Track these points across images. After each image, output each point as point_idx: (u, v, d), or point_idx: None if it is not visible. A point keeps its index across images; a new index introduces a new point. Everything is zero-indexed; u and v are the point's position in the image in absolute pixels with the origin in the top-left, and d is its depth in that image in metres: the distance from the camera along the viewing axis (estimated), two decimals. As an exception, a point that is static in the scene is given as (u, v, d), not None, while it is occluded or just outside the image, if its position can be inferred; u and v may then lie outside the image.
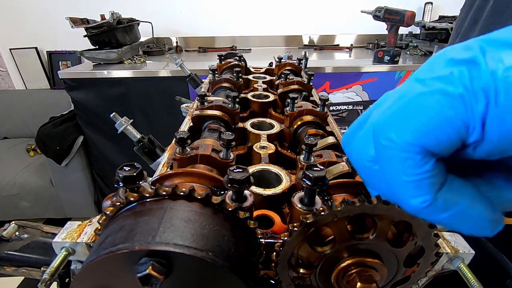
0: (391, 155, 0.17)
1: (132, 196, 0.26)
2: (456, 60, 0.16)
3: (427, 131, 0.16)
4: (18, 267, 0.42)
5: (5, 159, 2.29)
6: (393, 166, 0.17)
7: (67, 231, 0.36)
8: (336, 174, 0.40)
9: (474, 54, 0.15)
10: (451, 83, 0.15)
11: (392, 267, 0.30)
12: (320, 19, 2.55)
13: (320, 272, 0.30)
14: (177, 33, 2.55)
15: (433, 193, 0.17)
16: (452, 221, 0.18)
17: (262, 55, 2.31)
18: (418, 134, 0.16)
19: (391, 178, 0.18)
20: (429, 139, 0.16)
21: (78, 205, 2.26)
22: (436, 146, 0.16)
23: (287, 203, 0.40)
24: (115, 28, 1.93)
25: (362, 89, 1.96)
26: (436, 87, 0.16)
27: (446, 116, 0.15)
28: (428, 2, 2.48)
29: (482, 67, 0.15)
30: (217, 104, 0.59)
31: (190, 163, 0.43)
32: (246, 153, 0.55)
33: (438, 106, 0.15)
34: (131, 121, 0.71)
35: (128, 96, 1.89)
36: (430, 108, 0.16)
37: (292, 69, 0.91)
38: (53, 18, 2.38)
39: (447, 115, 0.15)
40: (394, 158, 0.17)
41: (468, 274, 0.34)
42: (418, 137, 0.16)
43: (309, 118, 0.59)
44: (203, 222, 0.25)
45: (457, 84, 0.15)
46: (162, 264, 0.21)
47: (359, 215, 0.27)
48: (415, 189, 0.17)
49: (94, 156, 2.14)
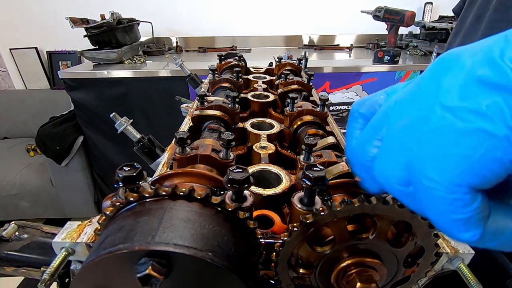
0: (436, 195, 0.17)
1: (131, 196, 0.26)
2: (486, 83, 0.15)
3: (473, 172, 0.15)
4: (18, 267, 0.42)
5: (5, 159, 2.29)
6: (439, 205, 0.17)
7: (67, 231, 0.36)
8: (336, 174, 0.40)
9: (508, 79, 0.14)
10: (491, 121, 0.14)
11: (392, 267, 0.30)
12: (320, 19, 2.55)
13: (320, 272, 0.30)
14: (177, 33, 2.55)
15: (482, 226, 0.17)
16: (500, 247, 0.18)
17: (262, 55, 2.31)
18: (464, 176, 0.16)
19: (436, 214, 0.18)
20: (476, 179, 0.16)
21: (78, 205, 2.26)
22: (483, 183, 0.16)
23: (287, 203, 0.40)
24: (115, 28, 1.93)
25: (362, 89, 1.96)
26: (476, 125, 0.15)
27: (493, 158, 0.15)
28: (428, 2, 2.48)
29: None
30: (217, 104, 0.59)
31: (190, 163, 0.43)
32: (246, 153, 0.55)
33: (483, 148, 0.15)
34: (131, 121, 0.71)
35: (128, 96, 1.89)
36: (475, 149, 0.15)
37: (292, 69, 0.91)
38: (53, 18, 2.38)
39: (495, 156, 0.15)
40: (440, 199, 0.17)
41: (468, 274, 0.34)
42: (465, 179, 0.16)
43: (309, 118, 0.59)
44: (202, 222, 0.25)
45: (499, 123, 0.14)
46: (161, 264, 0.21)
47: (359, 215, 0.27)
48: (464, 225, 0.17)
49: (94, 156, 2.14)
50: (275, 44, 2.62)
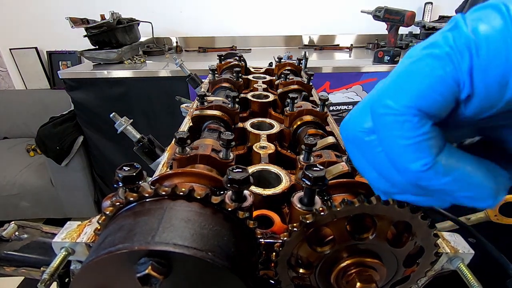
0: (388, 121, 0.18)
1: (131, 196, 0.26)
2: (441, 31, 0.17)
3: (421, 93, 0.17)
4: (17, 267, 0.42)
5: (5, 159, 2.29)
6: (391, 131, 0.18)
7: (67, 231, 0.36)
8: (335, 174, 0.40)
9: (456, 20, 0.17)
10: (437, 46, 0.17)
11: (392, 267, 0.30)
12: (320, 19, 2.55)
13: (319, 272, 0.30)
14: (177, 33, 2.54)
15: (433, 155, 0.17)
16: (453, 187, 0.18)
17: (262, 55, 2.31)
18: (413, 97, 0.17)
19: (389, 145, 0.18)
20: (425, 100, 0.17)
21: (78, 205, 2.26)
22: (432, 106, 0.17)
23: (287, 203, 0.40)
24: (115, 28, 1.93)
25: (362, 89, 1.96)
26: (425, 52, 0.17)
27: (437, 75, 0.16)
28: (428, 2, 2.48)
29: (463, 28, 0.16)
30: (217, 104, 0.59)
31: (190, 163, 0.43)
32: (246, 153, 0.55)
33: (429, 68, 0.16)
34: (131, 121, 0.71)
35: (128, 96, 1.89)
36: (422, 71, 0.17)
37: (292, 69, 0.91)
38: (53, 18, 2.38)
39: (438, 74, 0.16)
40: (392, 123, 0.18)
41: (467, 274, 0.34)
42: (414, 100, 0.17)
43: (309, 118, 0.59)
44: (202, 222, 0.25)
45: (442, 45, 0.16)
46: (161, 264, 0.21)
47: (358, 215, 0.27)
48: (414, 152, 0.17)
49: (94, 156, 2.14)
50: (275, 44, 2.62)
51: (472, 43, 0.16)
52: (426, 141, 0.17)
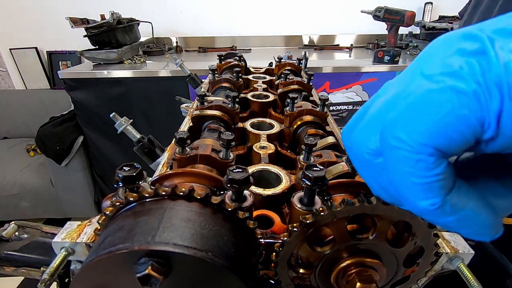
0: (401, 156, 0.16)
1: (131, 196, 0.26)
2: (464, 52, 0.15)
3: (440, 131, 0.15)
4: (17, 267, 0.42)
5: (5, 159, 2.29)
6: (403, 167, 0.17)
7: (67, 231, 0.36)
8: (335, 174, 0.40)
9: (483, 44, 0.14)
10: (462, 78, 0.14)
11: (392, 267, 0.30)
12: (320, 19, 2.55)
13: (319, 272, 0.30)
14: (177, 33, 2.55)
15: (443, 196, 0.17)
16: (457, 225, 0.18)
17: (262, 55, 2.31)
18: (430, 135, 0.15)
19: (398, 178, 0.17)
20: (442, 139, 0.15)
21: (78, 205, 2.26)
22: (449, 146, 0.15)
23: (287, 203, 0.40)
24: (115, 28, 1.93)
25: (362, 89, 1.96)
26: (447, 83, 0.15)
27: (460, 115, 0.14)
28: (428, 2, 2.48)
29: (493, 60, 0.14)
30: (217, 104, 0.59)
31: (190, 163, 0.43)
32: (246, 153, 0.55)
33: (451, 105, 0.15)
34: (131, 121, 0.71)
35: (128, 96, 1.89)
36: (442, 107, 0.15)
37: (292, 69, 0.91)
38: (53, 18, 2.38)
39: (461, 113, 0.14)
40: (404, 159, 0.16)
41: (467, 274, 0.34)
42: (431, 138, 0.15)
43: (309, 118, 0.59)
44: (202, 222, 0.25)
45: (468, 80, 0.14)
46: (161, 264, 0.21)
47: (358, 215, 0.27)
48: (425, 192, 0.17)
49: (94, 156, 2.14)
50: (275, 44, 2.62)
51: (505, 83, 0.13)
52: (438, 182, 0.16)
